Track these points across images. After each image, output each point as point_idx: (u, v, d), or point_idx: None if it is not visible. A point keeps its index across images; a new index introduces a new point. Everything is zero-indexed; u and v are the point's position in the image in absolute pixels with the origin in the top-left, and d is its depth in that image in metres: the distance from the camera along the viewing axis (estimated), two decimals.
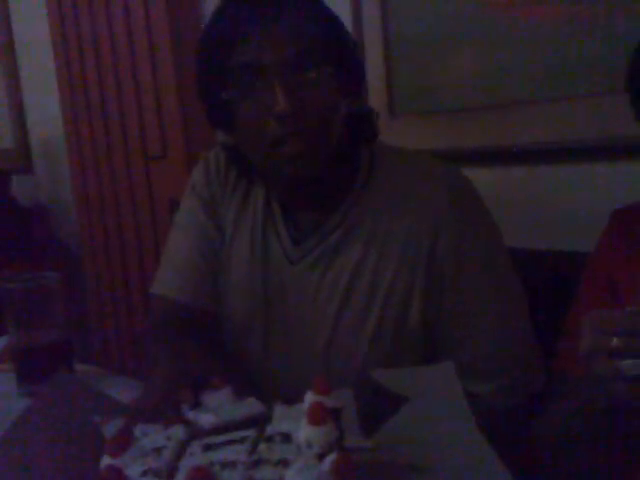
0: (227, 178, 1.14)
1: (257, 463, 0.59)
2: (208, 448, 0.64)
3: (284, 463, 0.58)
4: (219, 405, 0.72)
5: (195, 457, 0.62)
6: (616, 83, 1.03)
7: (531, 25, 1.39)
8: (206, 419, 0.70)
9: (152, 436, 0.68)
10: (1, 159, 2.93)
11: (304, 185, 1.02)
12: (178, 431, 0.68)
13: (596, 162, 1.36)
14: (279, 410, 0.69)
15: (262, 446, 0.62)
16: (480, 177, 1.08)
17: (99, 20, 2.43)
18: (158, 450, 0.64)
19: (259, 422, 0.68)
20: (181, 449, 0.64)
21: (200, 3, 2.17)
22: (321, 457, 0.58)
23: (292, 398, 0.71)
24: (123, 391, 1.00)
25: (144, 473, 0.59)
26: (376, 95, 1.65)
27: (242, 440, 0.64)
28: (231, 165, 1.13)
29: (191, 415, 0.71)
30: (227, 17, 0.99)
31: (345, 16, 1.64)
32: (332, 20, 1.03)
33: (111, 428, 0.76)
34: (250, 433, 0.66)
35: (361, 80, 1.07)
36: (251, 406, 0.73)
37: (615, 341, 0.69)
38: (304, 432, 0.61)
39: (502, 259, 1.04)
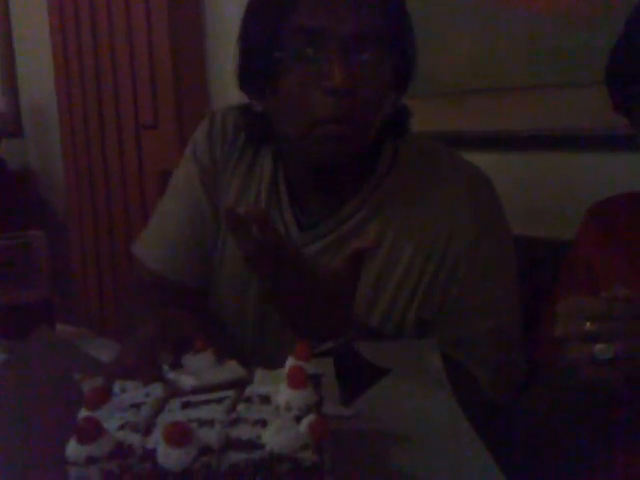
0: (233, 145, 1.08)
1: (235, 422, 0.59)
2: (187, 406, 0.63)
3: (262, 423, 0.58)
4: (200, 368, 0.72)
5: (173, 414, 0.62)
6: None
7: (531, 13, 1.39)
8: (186, 380, 0.69)
9: (131, 392, 0.67)
10: None
11: (331, 169, 0.98)
12: (157, 389, 0.67)
13: (593, 151, 1.36)
14: (260, 374, 0.70)
15: (241, 406, 0.62)
16: (476, 161, 1.07)
17: None
18: (136, 406, 0.63)
19: (239, 385, 0.68)
20: (159, 406, 0.64)
21: None
22: (299, 419, 0.58)
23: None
24: (103, 352, 1.00)
25: (121, 427, 0.59)
26: None
27: (221, 400, 0.64)
28: (242, 129, 1.06)
29: (172, 376, 0.71)
30: None
31: None
32: (401, 11, 0.98)
33: (90, 385, 0.75)
34: (230, 394, 0.66)
35: (411, 75, 1.01)
36: (232, 370, 0.73)
37: (588, 325, 0.70)
38: (283, 395, 0.62)
39: (510, 265, 1.03)
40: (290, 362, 0.68)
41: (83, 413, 0.62)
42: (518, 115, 1.44)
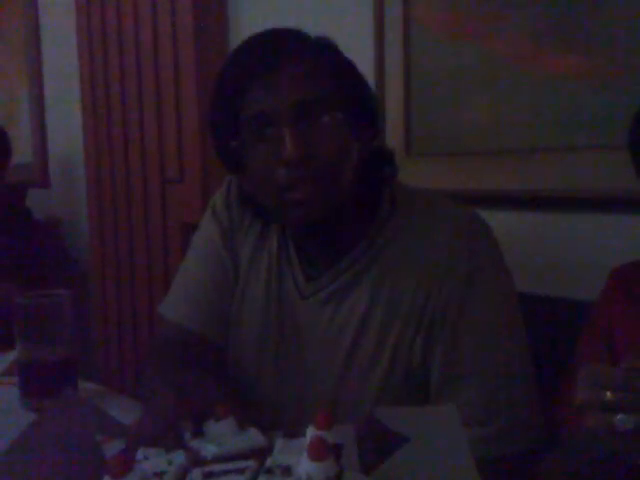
0: (245, 210, 1.15)
1: None
2: (209, 476, 0.64)
3: None
4: (222, 435, 0.73)
5: None
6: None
7: (549, 75, 1.42)
8: (208, 449, 0.70)
9: (153, 460, 0.68)
10: (19, 173, 2.96)
11: (315, 228, 1.03)
12: (180, 456, 0.68)
13: (610, 213, 1.37)
14: (280, 443, 0.70)
15: (262, 478, 0.63)
16: (493, 220, 1.09)
17: (125, 42, 2.47)
18: (159, 475, 0.64)
19: (260, 454, 0.69)
20: (182, 475, 0.65)
21: (226, 30, 2.20)
22: None
23: (295, 432, 0.72)
24: (123, 411, 1.01)
25: None
26: (394, 136, 1.67)
27: (242, 470, 0.65)
28: (246, 207, 1.14)
29: (194, 444, 0.72)
30: (236, 68, 1.01)
31: (368, 60, 1.67)
32: (345, 66, 1.04)
33: (112, 448, 0.76)
34: (250, 464, 0.66)
35: (376, 124, 1.07)
36: (253, 437, 0.73)
37: (608, 395, 0.70)
38: (304, 466, 0.62)
39: (509, 307, 1.03)
40: (311, 432, 0.68)
41: None
42: (542, 175, 1.45)
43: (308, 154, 0.95)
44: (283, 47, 1.00)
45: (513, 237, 1.44)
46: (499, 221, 1.11)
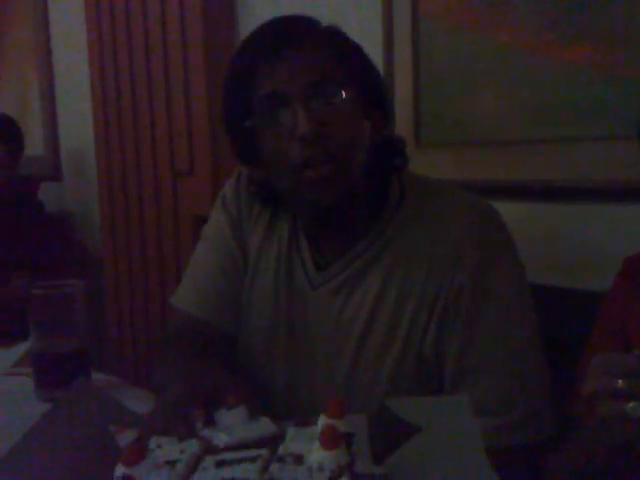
0: (254, 200, 1.15)
1: None
2: (221, 464, 0.65)
3: None
4: (233, 423, 0.74)
5: (208, 472, 0.63)
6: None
7: (558, 66, 1.41)
8: (220, 438, 0.71)
9: (166, 448, 0.69)
10: (31, 165, 2.98)
11: (328, 212, 1.03)
12: (192, 445, 0.69)
13: (621, 203, 1.36)
14: (292, 431, 0.70)
15: (274, 466, 0.63)
16: (502, 211, 1.08)
17: (135, 36, 2.48)
18: (172, 463, 0.65)
19: (272, 442, 0.69)
20: (194, 463, 0.65)
21: (235, 23, 2.21)
22: None
23: (307, 420, 0.72)
24: (136, 402, 1.02)
25: None
26: (403, 126, 1.67)
27: (254, 459, 0.65)
28: (255, 197, 1.14)
29: (206, 433, 0.72)
30: (250, 50, 1.02)
31: (377, 52, 1.67)
32: (355, 52, 1.05)
33: (125, 438, 0.77)
34: (263, 452, 0.67)
35: (386, 104, 1.08)
36: (265, 426, 0.74)
37: (620, 383, 0.70)
38: (316, 455, 0.62)
39: (521, 297, 1.03)
40: (322, 420, 0.68)
41: (120, 469, 0.64)
42: (552, 166, 1.44)
43: (322, 132, 0.96)
44: (296, 31, 1.01)
45: (523, 227, 1.44)
46: (509, 211, 1.11)
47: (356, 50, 1.05)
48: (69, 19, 2.95)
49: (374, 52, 1.07)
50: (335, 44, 1.02)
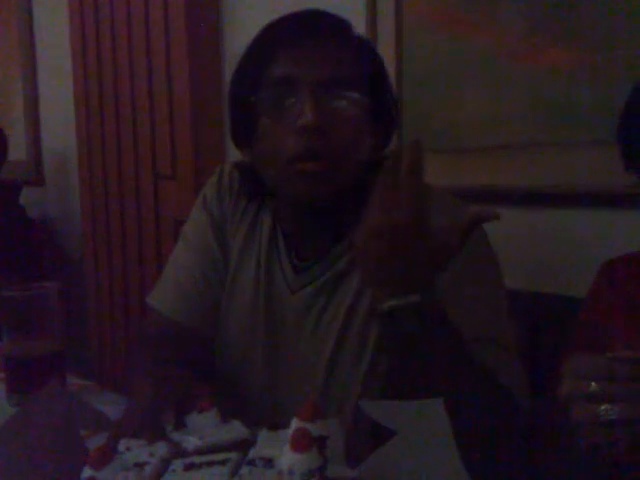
0: (239, 197, 1.14)
1: None
2: (190, 467, 0.63)
3: None
4: (204, 427, 0.73)
5: (176, 475, 0.62)
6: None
7: (545, 69, 1.41)
8: (190, 441, 0.70)
9: (135, 451, 0.68)
10: (14, 170, 2.95)
11: (310, 210, 1.02)
12: (162, 448, 0.68)
13: (607, 209, 1.36)
14: (264, 435, 0.69)
15: (244, 469, 0.62)
16: None
17: (119, 38, 2.47)
18: (140, 465, 0.64)
19: (243, 446, 0.68)
20: (163, 466, 0.64)
21: (220, 26, 2.19)
22: None
23: (279, 424, 0.71)
24: (114, 407, 1.00)
25: None
26: None
27: (224, 462, 0.64)
28: (243, 186, 1.13)
29: (175, 436, 0.71)
30: (273, 32, 1.02)
31: None
32: (378, 62, 1.05)
33: (96, 442, 0.75)
34: (233, 456, 0.66)
35: (392, 125, 1.07)
36: (236, 430, 0.73)
37: (593, 386, 0.70)
38: (286, 458, 0.61)
39: (497, 294, 1.01)
40: (295, 424, 0.67)
41: (87, 472, 0.62)
42: (537, 171, 1.45)
43: (323, 127, 0.95)
44: (325, 26, 1.01)
45: (509, 234, 1.44)
46: None
47: (380, 66, 1.05)
48: (53, 23, 2.94)
49: None
50: (360, 53, 1.02)
